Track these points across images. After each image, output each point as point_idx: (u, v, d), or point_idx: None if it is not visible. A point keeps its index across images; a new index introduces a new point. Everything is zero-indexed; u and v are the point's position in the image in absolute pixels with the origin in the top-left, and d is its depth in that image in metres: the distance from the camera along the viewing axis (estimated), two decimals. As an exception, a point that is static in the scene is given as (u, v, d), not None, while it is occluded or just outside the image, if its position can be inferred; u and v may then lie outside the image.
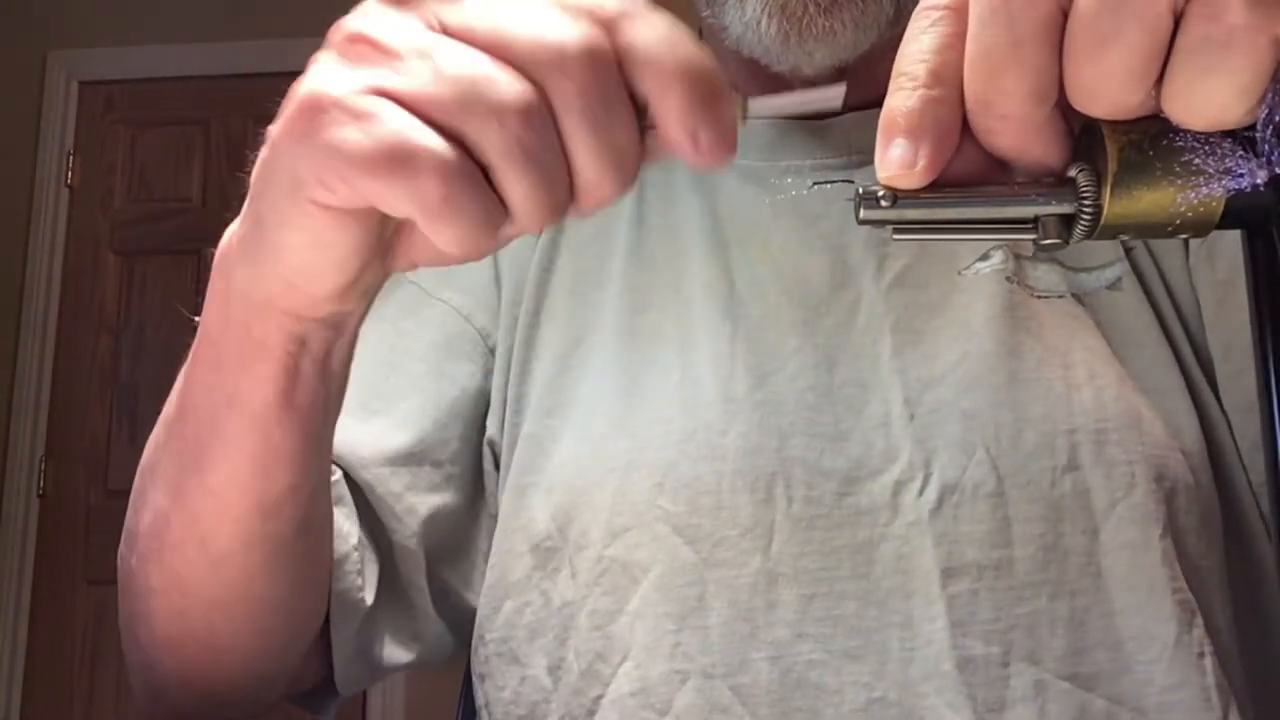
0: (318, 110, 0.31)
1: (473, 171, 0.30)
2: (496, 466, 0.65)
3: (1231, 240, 0.32)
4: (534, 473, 0.60)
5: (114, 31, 2.92)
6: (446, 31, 0.31)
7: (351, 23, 0.32)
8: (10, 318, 2.80)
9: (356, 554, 0.57)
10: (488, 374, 0.65)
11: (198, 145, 2.90)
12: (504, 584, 0.60)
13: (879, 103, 0.32)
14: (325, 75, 0.32)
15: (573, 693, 0.55)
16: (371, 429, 0.61)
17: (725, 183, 0.66)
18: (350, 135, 0.30)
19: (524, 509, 0.60)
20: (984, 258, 0.59)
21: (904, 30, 0.32)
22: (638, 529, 0.55)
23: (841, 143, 0.64)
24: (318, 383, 0.40)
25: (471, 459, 0.65)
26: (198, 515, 0.44)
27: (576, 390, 0.61)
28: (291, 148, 0.32)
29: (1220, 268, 0.58)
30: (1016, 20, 0.29)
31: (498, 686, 0.59)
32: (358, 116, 0.30)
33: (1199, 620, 0.52)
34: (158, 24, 2.90)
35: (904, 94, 0.31)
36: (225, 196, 2.85)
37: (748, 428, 0.56)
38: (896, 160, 0.31)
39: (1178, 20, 0.28)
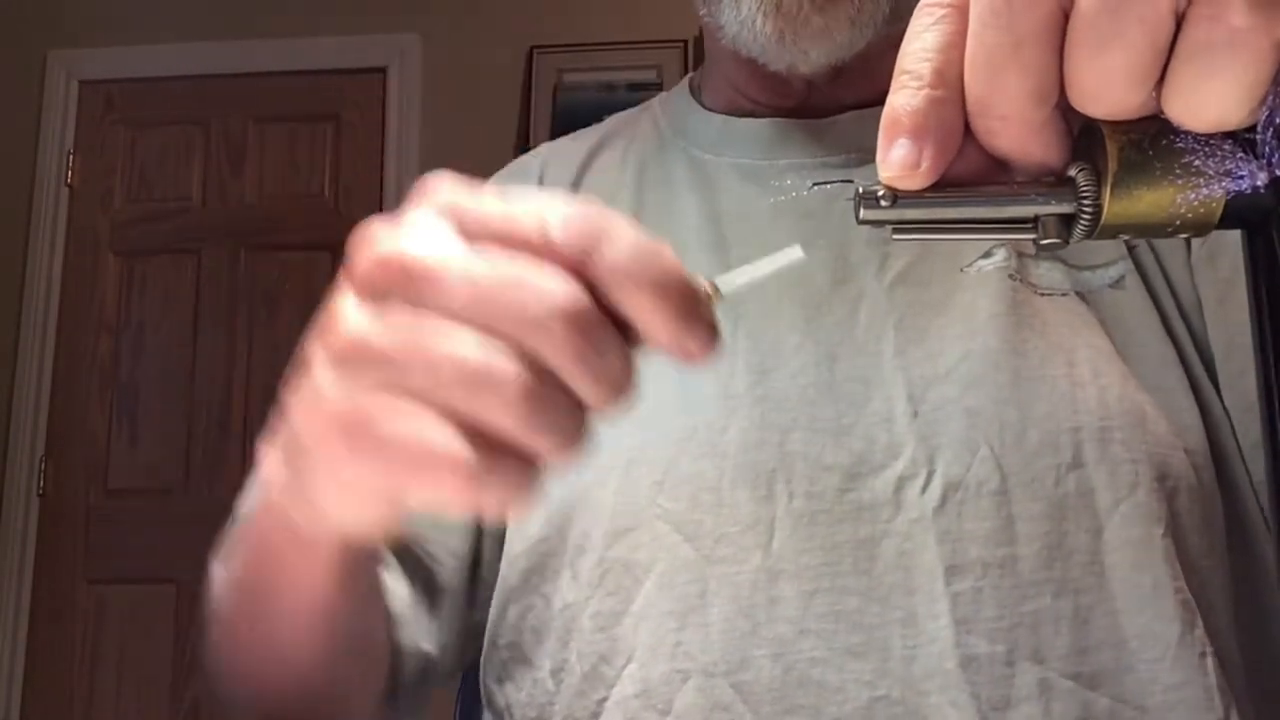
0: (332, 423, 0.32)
1: (490, 452, 0.31)
2: None
3: (1233, 239, 0.32)
4: None
5: (114, 31, 2.91)
6: (425, 305, 0.31)
7: (331, 324, 0.33)
8: (10, 318, 2.80)
9: (411, 610, 0.61)
10: None
11: (198, 145, 2.89)
12: (505, 588, 0.60)
13: (878, 101, 0.32)
14: (322, 385, 0.32)
15: (575, 695, 0.55)
16: None
17: (725, 182, 0.66)
18: (370, 448, 0.31)
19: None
20: (987, 255, 0.59)
21: (903, 28, 0.32)
22: (639, 529, 0.55)
23: (840, 141, 0.64)
24: (371, 564, 0.45)
25: None
26: (265, 635, 0.51)
27: None
28: (318, 445, 0.33)
29: (1221, 267, 0.57)
30: (1017, 21, 0.29)
31: (516, 688, 0.59)
32: (368, 423, 0.31)
33: (1200, 620, 0.52)
34: (158, 24, 2.90)
35: (908, 93, 0.31)
36: (225, 196, 2.85)
37: (748, 424, 0.56)
38: (900, 161, 0.30)
39: (1179, 21, 0.28)
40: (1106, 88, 0.29)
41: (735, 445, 0.55)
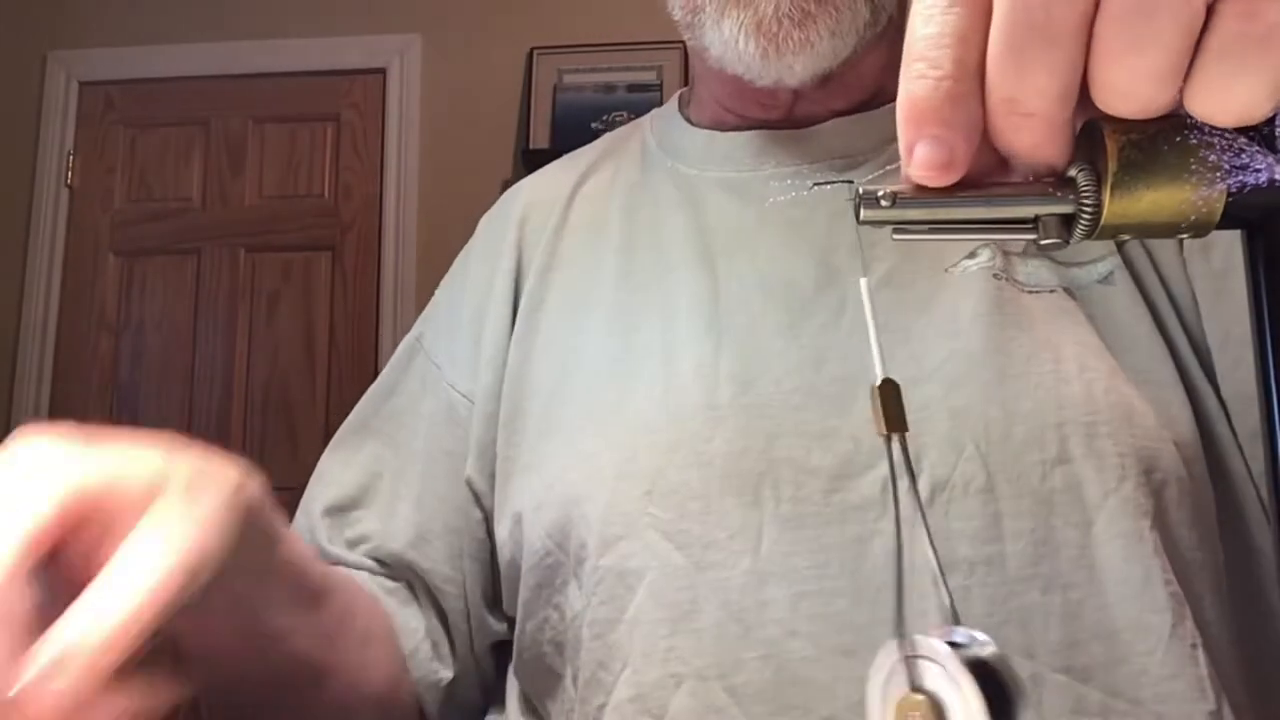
0: None
1: None
2: (478, 505, 0.66)
3: (1226, 231, 0.32)
4: (528, 495, 0.61)
5: (114, 31, 2.92)
6: None
7: None
8: (10, 318, 2.80)
9: (427, 642, 0.65)
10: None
11: (198, 145, 2.90)
12: (522, 604, 0.62)
13: (864, 106, 0.31)
14: None
15: (581, 701, 0.56)
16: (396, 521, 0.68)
17: (710, 196, 0.67)
18: None
19: (523, 530, 0.61)
20: (971, 255, 0.59)
21: (883, 31, 0.31)
22: (629, 538, 0.56)
23: (822, 148, 0.65)
24: None
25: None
26: None
27: (564, 410, 0.62)
28: None
29: (1215, 259, 0.57)
30: (1055, 18, 0.28)
31: (552, 696, 0.61)
32: None
33: (1189, 612, 0.52)
34: (158, 24, 2.90)
35: (928, 84, 0.29)
36: (225, 196, 2.85)
37: (733, 432, 0.56)
38: (929, 159, 0.29)
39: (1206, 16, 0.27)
40: (1137, 87, 0.28)
41: (721, 454, 0.56)
